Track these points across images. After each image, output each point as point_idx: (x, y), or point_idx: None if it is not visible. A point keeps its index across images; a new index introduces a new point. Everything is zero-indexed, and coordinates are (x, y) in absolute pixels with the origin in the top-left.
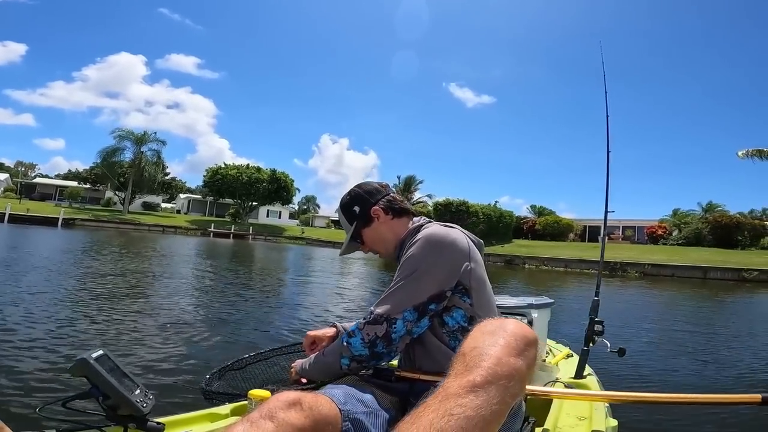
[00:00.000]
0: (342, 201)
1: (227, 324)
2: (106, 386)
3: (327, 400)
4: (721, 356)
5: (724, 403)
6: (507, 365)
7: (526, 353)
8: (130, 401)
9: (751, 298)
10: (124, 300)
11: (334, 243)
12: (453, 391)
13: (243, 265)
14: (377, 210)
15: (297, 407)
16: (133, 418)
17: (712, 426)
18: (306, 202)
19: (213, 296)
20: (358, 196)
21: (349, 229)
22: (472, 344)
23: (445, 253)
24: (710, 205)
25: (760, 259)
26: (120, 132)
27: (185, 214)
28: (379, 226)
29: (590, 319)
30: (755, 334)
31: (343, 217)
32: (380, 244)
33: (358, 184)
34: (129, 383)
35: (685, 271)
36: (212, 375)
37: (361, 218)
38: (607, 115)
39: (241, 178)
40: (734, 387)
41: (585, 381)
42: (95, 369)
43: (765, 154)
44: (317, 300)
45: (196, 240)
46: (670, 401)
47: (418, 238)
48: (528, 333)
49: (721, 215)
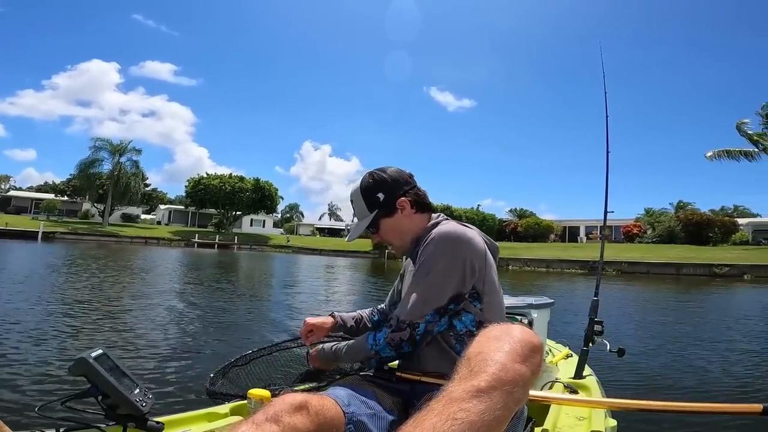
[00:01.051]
0: (363, 184)
1: (225, 326)
2: (106, 385)
3: (332, 402)
4: (712, 353)
5: (724, 413)
6: (512, 371)
7: (531, 359)
8: (130, 400)
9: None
10: (121, 305)
11: (321, 250)
12: (457, 395)
13: (232, 274)
14: (404, 202)
15: (303, 411)
16: (132, 417)
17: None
18: (289, 210)
19: (208, 301)
20: (384, 182)
21: (367, 216)
22: (478, 349)
23: (461, 252)
24: (681, 204)
25: (730, 255)
26: (97, 142)
27: (166, 225)
28: (401, 219)
29: (590, 319)
30: (742, 330)
31: (362, 201)
32: (397, 237)
33: (381, 168)
34: (128, 382)
35: (659, 268)
36: (216, 373)
37: (384, 207)
38: (606, 116)
39: (224, 187)
40: (734, 386)
41: (584, 381)
42: (94, 368)
43: (732, 154)
44: (310, 303)
45: (179, 251)
46: (669, 409)
47: (432, 236)
48: (533, 339)
49: (692, 213)
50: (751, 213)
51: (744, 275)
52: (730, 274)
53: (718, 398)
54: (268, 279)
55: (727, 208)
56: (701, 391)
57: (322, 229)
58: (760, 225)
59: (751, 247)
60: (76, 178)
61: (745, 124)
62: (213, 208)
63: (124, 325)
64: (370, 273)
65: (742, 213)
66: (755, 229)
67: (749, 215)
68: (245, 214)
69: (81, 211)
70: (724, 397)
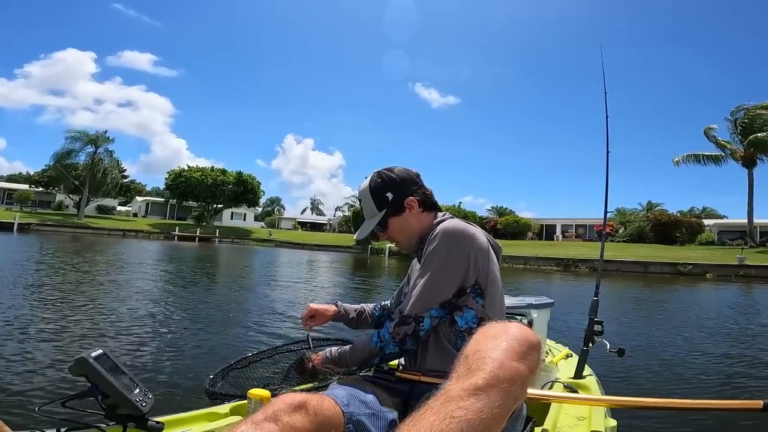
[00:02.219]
0: (371, 183)
1: (224, 324)
2: (106, 385)
3: (331, 402)
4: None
5: (724, 409)
6: (509, 369)
7: (529, 357)
8: (130, 400)
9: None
10: (115, 302)
11: (304, 245)
12: (455, 393)
13: (221, 269)
14: (412, 201)
15: (302, 411)
16: (132, 417)
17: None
18: (271, 204)
19: (204, 298)
20: (393, 182)
21: (376, 215)
22: (475, 347)
23: (465, 246)
24: (650, 204)
25: (694, 254)
26: (73, 133)
27: (143, 217)
28: (409, 218)
29: (590, 319)
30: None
31: (371, 200)
32: (404, 236)
33: (389, 168)
34: (128, 382)
35: (628, 266)
36: (216, 375)
37: (393, 206)
38: (606, 116)
39: (206, 180)
40: (729, 381)
41: (584, 381)
42: (94, 368)
43: (700, 158)
44: (303, 298)
45: (159, 244)
46: (669, 406)
47: (437, 231)
48: (531, 337)
49: (661, 214)
50: (718, 214)
51: (706, 274)
52: (694, 272)
53: (712, 392)
54: (258, 274)
55: (695, 209)
56: (696, 386)
57: (305, 223)
58: (725, 226)
59: (715, 247)
60: (51, 168)
61: (713, 129)
62: (194, 201)
63: (121, 324)
64: (355, 268)
65: (710, 214)
66: (720, 230)
67: (716, 216)
68: (227, 207)
69: (54, 203)
70: (715, 392)
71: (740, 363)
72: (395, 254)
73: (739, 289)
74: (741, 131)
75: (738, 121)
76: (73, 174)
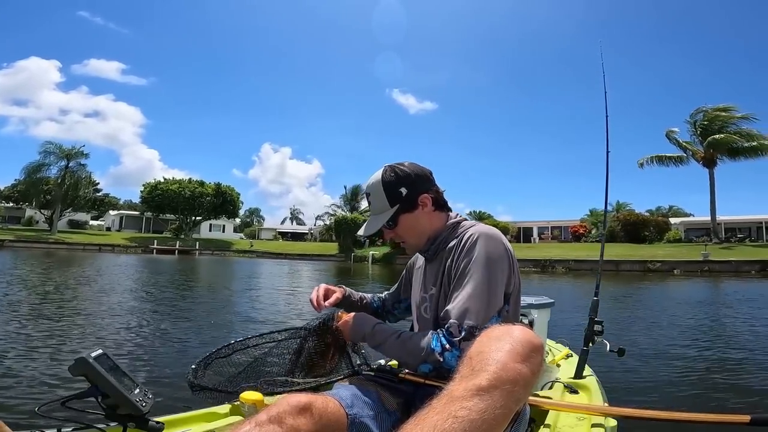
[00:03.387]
0: (384, 177)
1: (223, 326)
2: (106, 385)
3: (336, 404)
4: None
5: (711, 423)
6: (513, 370)
7: (532, 359)
8: (130, 400)
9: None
10: (113, 307)
11: (286, 255)
12: (458, 394)
13: (209, 279)
14: (426, 198)
15: (307, 413)
16: (132, 417)
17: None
18: (250, 215)
19: (201, 305)
20: (407, 177)
21: (388, 211)
22: (479, 349)
23: (507, 251)
24: (619, 205)
25: (662, 252)
26: (47, 146)
27: (117, 231)
28: (421, 216)
29: (590, 319)
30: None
31: (384, 195)
32: (414, 234)
33: (400, 163)
34: (128, 382)
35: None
36: (198, 365)
37: (406, 202)
38: (606, 116)
39: (184, 192)
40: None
41: (584, 381)
42: (94, 368)
43: (663, 159)
44: (298, 305)
45: (138, 258)
46: (657, 418)
47: (471, 236)
48: (533, 339)
49: (630, 214)
50: (685, 212)
51: (674, 270)
52: (662, 269)
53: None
54: (248, 284)
55: (663, 209)
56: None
57: (285, 233)
58: (692, 224)
59: (682, 245)
60: (22, 183)
61: (675, 132)
62: (171, 214)
63: (121, 327)
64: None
65: (677, 213)
66: (687, 228)
67: (683, 214)
68: (206, 219)
69: (24, 218)
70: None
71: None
72: (378, 261)
73: (705, 284)
74: (701, 133)
75: (698, 123)
76: (45, 188)
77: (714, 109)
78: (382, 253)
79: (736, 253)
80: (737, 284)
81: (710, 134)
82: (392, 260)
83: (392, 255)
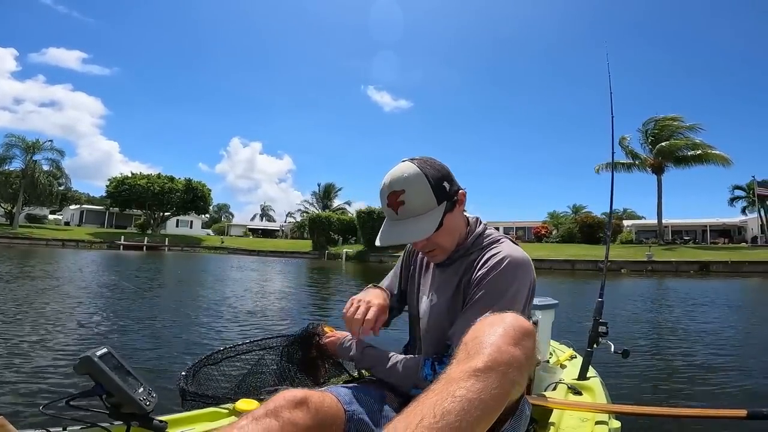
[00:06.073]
0: (425, 170)
1: (223, 324)
2: (110, 384)
3: (333, 399)
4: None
5: (710, 417)
6: (506, 353)
7: (524, 343)
8: (134, 399)
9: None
10: (109, 304)
11: (258, 252)
12: (455, 375)
13: (189, 275)
14: (463, 195)
15: (303, 407)
16: (136, 416)
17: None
18: (218, 211)
19: (195, 301)
20: (445, 170)
21: (435, 209)
22: (474, 335)
23: (528, 279)
24: (577, 207)
25: (613, 252)
26: (10, 138)
27: (78, 226)
28: (458, 215)
29: (594, 320)
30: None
31: (430, 191)
32: (450, 238)
33: (425, 157)
34: (132, 381)
35: (559, 264)
36: (188, 372)
37: (451, 198)
38: (612, 116)
39: (153, 188)
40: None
41: (588, 383)
42: (99, 367)
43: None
44: (290, 305)
45: (104, 254)
46: (657, 414)
47: (498, 258)
48: (525, 324)
49: (586, 216)
50: (637, 215)
51: (621, 269)
52: (611, 268)
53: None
54: (229, 281)
55: (617, 211)
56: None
57: (256, 230)
58: (642, 226)
59: (632, 246)
60: None
61: (626, 139)
62: (138, 209)
63: (123, 324)
64: (316, 273)
65: (630, 215)
66: (638, 230)
67: (636, 217)
68: (175, 215)
69: None
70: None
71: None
72: (352, 259)
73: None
74: (651, 141)
75: (649, 132)
76: (8, 181)
77: (665, 118)
78: (355, 251)
79: (676, 254)
80: (676, 282)
81: (660, 142)
82: (365, 258)
83: (365, 252)
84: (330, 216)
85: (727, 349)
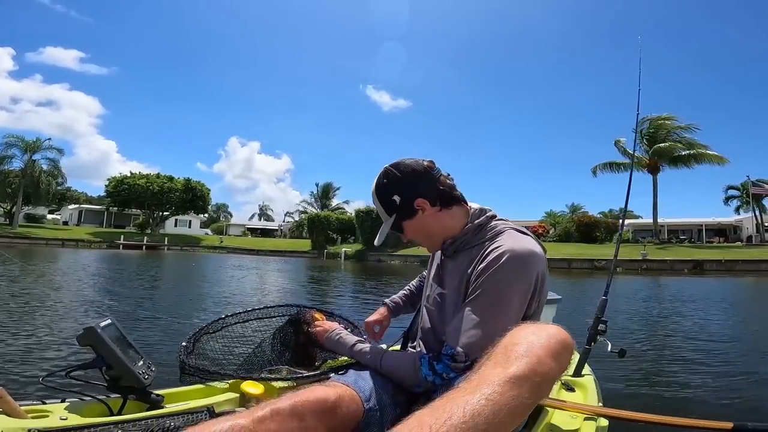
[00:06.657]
0: (378, 184)
1: (223, 305)
2: (111, 356)
3: (358, 400)
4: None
5: (695, 428)
6: (546, 365)
7: (562, 357)
8: (133, 372)
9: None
10: (113, 291)
11: (258, 251)
12: (490, 378)
13: (190, 274)
14: (422, 203)
15: (331, 414)
16: (133, 389)
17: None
18: (217, 210)
19: (197, 293)
20: (398, 182)
21: (388, 220)
22: (515, 340)
23: (531, 273)
24: (574, 206)
25: (609, 251)
26: (9, 138)
27: (76, 225)
28: (424, 219)
29: (595, 318)
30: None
31: (380, 204)
32: (424, 238)
33: (396, 163)
34: (133, 354)
35: (555, 263)
36: (188, 342)
37: (402, 210)
38: (637, 113)
39: (152, 187)
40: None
41: (582, 380)
42: (101, 338)
43: (613, 166)
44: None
45: (104, 253)
46: (643, 420)
47: (497, 252)
48: (566, 338)
49: (583, 216)
50: (634, 215)
51: (617, 268)
52: (606, 267)
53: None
54: (230, 278)
55: (614, 211)
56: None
57: (254, 229)
58: (639, 225)
59: (628, 245)
60: None
61: (621, 142)
62: (137, 209)
63: (128, 302)
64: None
65: (627, 215)
66: (635, 229)
67: (633, 217)
68: (174, 214)
69: None
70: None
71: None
72: (351, 258)
73: (643, 279)
74: (647, 141)
75: (644, 132)
76: (7, 181)
77: (659, 118)
78: (354, 250)
79: (671, 253)
80: (670, 280)
81: (655, 142)
82: (364, 257)
83: (364, 251)
84: (329, 215)
85: (717, 350)
